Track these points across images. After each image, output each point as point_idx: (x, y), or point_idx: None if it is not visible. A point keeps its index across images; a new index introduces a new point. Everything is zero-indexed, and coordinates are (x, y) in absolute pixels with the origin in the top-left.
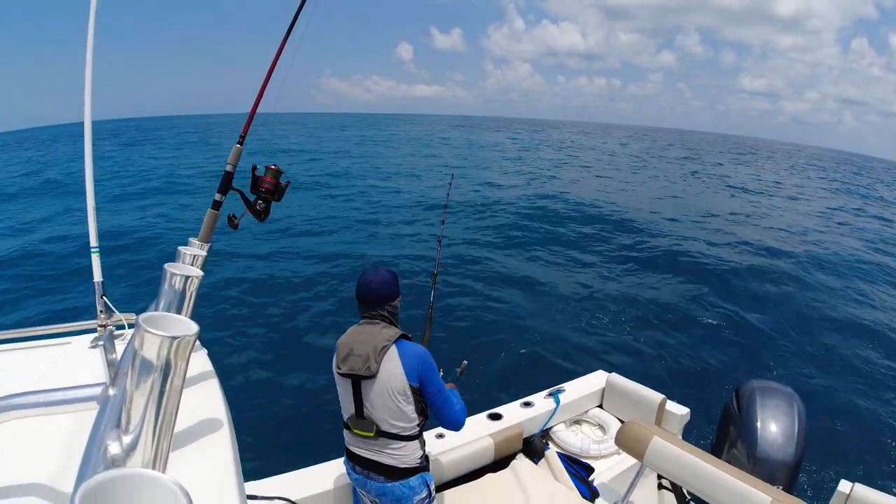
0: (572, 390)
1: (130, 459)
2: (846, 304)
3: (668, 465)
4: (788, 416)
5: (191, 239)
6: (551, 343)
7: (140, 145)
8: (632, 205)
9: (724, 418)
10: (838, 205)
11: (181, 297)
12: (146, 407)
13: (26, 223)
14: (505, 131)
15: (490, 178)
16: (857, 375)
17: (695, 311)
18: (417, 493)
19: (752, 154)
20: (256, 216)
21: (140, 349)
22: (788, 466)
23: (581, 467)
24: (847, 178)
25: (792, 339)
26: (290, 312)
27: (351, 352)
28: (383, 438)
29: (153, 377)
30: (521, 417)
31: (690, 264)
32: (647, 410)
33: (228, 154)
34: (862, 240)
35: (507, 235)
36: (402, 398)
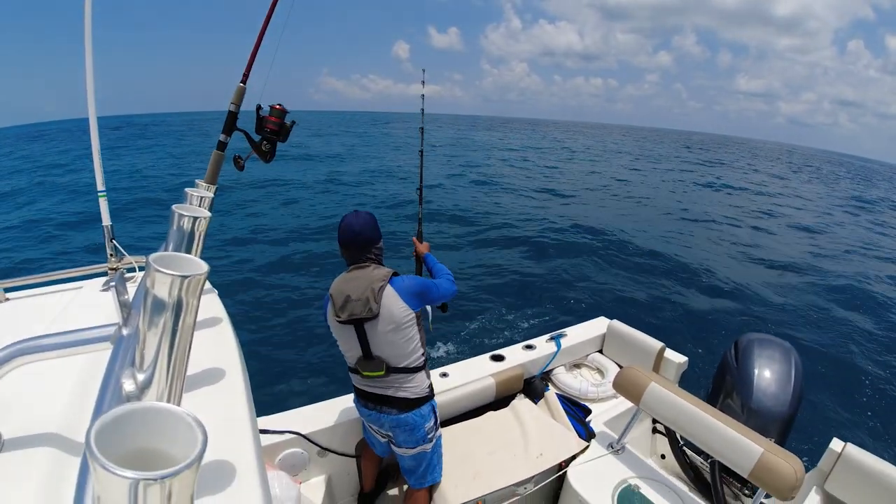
0: (574, 335)
1: (145, 396)
2: (852, 273)
3: (663, 410)
4: (785, 369)
5: (197, 181)
6: (559, 290)
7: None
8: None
9: (721, 368)
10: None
11: (190, 238)
12: (159, 344)
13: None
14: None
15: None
16: (858, 338)
17: (702, 269)
18: (427, 421)
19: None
20: (262, 157)
21: (151, 288)
22: (782, 419)
23: (579, 408)
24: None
25: (795, 301)
26: (294, 255)
27: (348, 298)
28: (393, 374)
29: (165, 315)
30: (522, 359)
31: (701, 226)
32: (645, 357)
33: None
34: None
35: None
36: (409, 329)
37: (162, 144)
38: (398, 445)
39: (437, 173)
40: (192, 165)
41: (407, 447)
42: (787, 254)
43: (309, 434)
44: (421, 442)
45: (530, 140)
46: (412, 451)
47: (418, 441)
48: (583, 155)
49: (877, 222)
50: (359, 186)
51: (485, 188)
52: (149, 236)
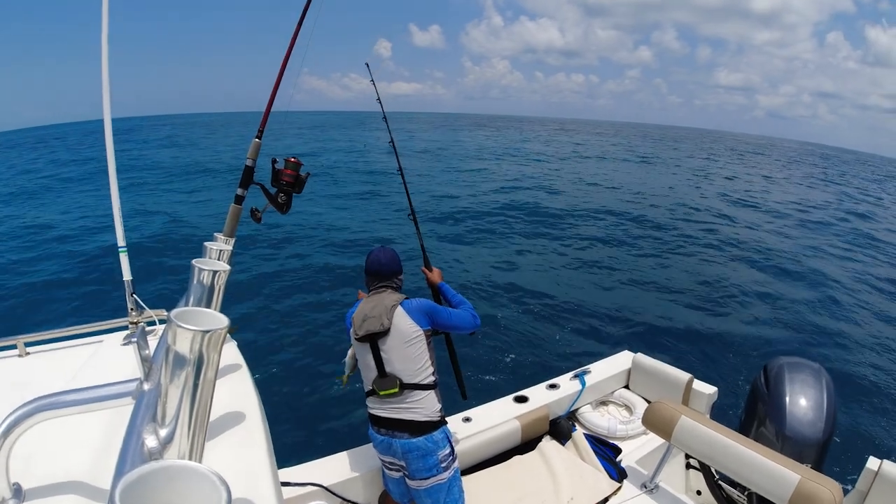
0: (598, 371)
1: (168, 452)
2: (873, 287)
3: (695, 444)
4: (817, 391)
5: (216, 234)
6: (577, 325)
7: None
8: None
9: (752, 396)
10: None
11: (210, 292)
12: (181, 400)
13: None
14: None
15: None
16: (886, 353)
17: (722, 292)
18: (441, 448)
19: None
20: (279, 209)
21: (173, 344)
22: (818, 444)
23: (608, 448)
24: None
25: (820, 318)
26: (313, 304)
27: (365, 316)
28: (406, 391)
29: (187, 370)
30: (547, 399)
31: (715, 247)
32: (673, 390)
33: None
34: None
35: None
36: (418, 345)
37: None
38: (412, 477)
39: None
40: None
41: (420, 478)
42: (802, 264)
43: (331, 486)
44: (434, 471)
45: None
46: (427, 484)
47: (431, 469)
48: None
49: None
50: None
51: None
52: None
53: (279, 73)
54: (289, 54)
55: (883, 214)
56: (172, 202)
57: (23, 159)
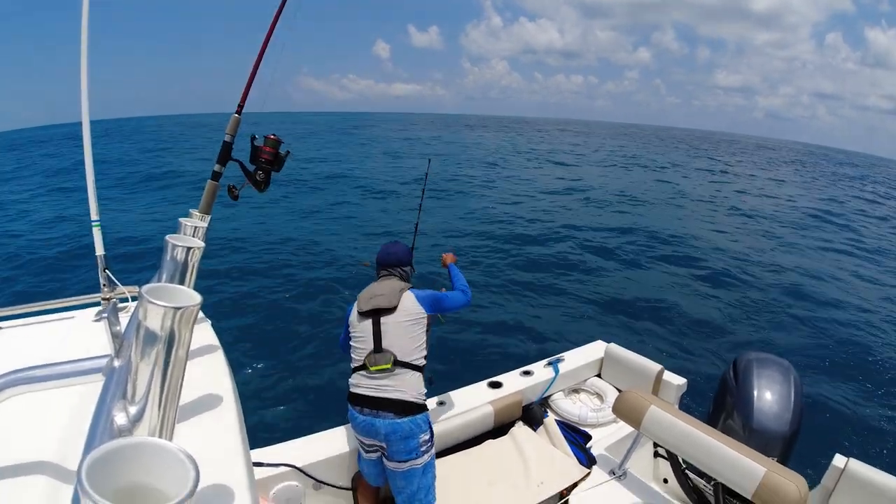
0: (571, 360)
1: (137, 429)
2: (848, 285)
3: (664, 433)
4: (784, 387)
5: (191, 210)
6: (552, 313)
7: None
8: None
9: (721, 389)
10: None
11: (183, 269)
12: (151, 377)
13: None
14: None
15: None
16: (856, 352)
17: (695, 288)
18: (423, 431)
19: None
20: (256, 187)
21: (144, 320)
22: (783, 438)
23: (579, 435)
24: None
25: (791, 316)
26: (291, 286)
27: (374, 294)
28: (399, 368)
29: (158, 347)
30: (520, 385)
31: (694, 242)
32: (644, 380)
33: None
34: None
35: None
36: (419, 327)
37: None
38: (390, 458)
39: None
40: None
41: (398, 459)
42: (783, 262)
43: (303, 467)
44: (414, 454)
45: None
46: (404, 466)
47: (410, 452)
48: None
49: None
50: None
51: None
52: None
53: (263, 45)
54: (274, 25)
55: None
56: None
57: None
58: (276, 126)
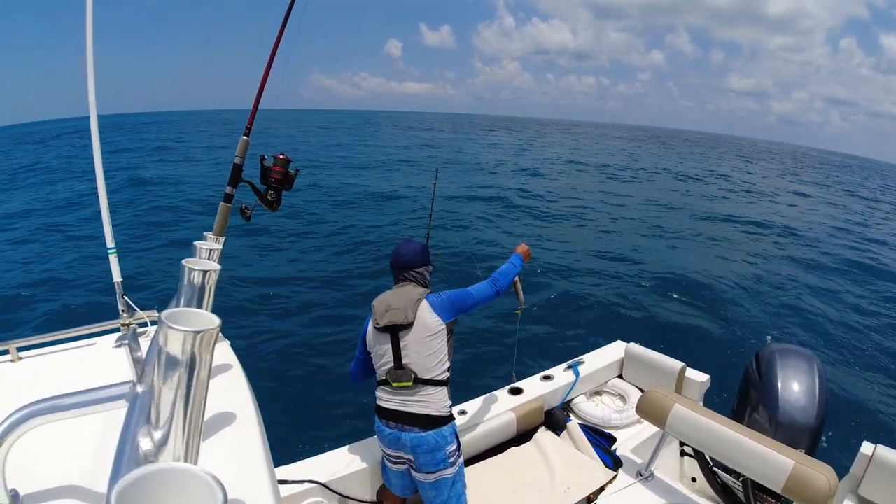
0: (591, 362)
1: (162, 454)
2: (866, 274)
3: (689, 431)
4: (809, 377)
5: (205, 233)
6: (570, 316)
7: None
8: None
9: (745, 383)
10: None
11: (201, 292)
12: (174, 401)
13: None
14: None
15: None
16: (879, 339)
17: (714, 281)
18: (449, 443)
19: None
20: (268, 206)
21: (164, 345)
22: (810, 429)
23: (603, 437)
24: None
25: (812, 305)
26: (309, 300)
27: (389, 307)
28: (420, 385)
29: (179, 372)
30: (541, 391)
31: (707, 237)
32: (667, 379)
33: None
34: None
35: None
36: (438, 340)
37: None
38: (418, 470)
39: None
40: None
41: (427, 471)
42: (797, 255)
43: (328, 482)
44: (442, 465)
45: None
46: (433, 477)
47: (439, 464)
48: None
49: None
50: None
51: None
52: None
53: (265, 71)
54: (275, 51)
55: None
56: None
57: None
58: (289, 124)
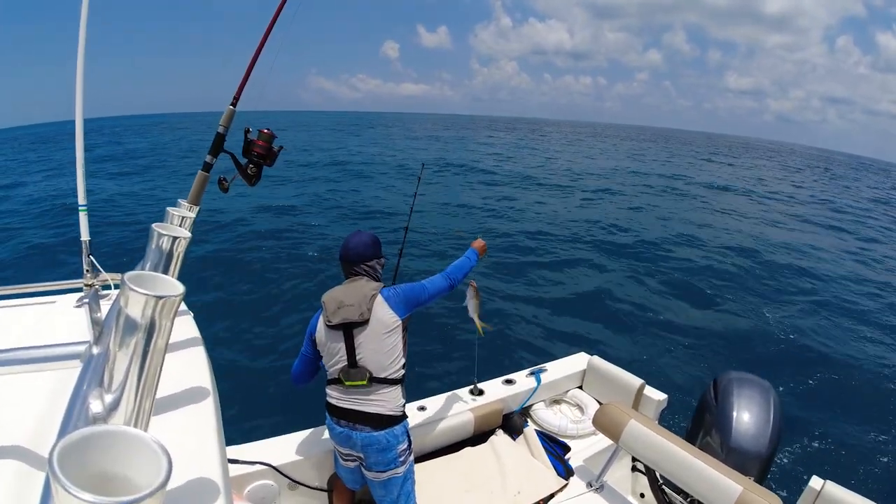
0: (554, 370)
1: (112, 418)
2: (836, 304)
3: (642, 448)
4: (764, 408)
5: (179, 200)
6: (538, 323)
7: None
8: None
9: (701, 407)
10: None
11: (168, 258)
12: (129, 366)
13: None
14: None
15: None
16: (838, 374)
17: (682, 304)
18: (400, 442)
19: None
20: (247, 180)
21: (125, 307)
22: (761, 458)
23: (558, 446)
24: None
25: (775, 337)
26: (272, 281)
27: (342, 303)
28: (375, 384)
29: (137, 336)
30: (502, 394)
31: (681, 258)
32: (625, 394)
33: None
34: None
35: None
36: (394, 336)
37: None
38: (368, 468)
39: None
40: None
41: (378, 470)
42: (769, 280)
43: (279, 466)
44: (392, 464)
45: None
46: (384, 476)
47: (389, 463)
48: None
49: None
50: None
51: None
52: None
53: (262, 38)
54: (273, 22)
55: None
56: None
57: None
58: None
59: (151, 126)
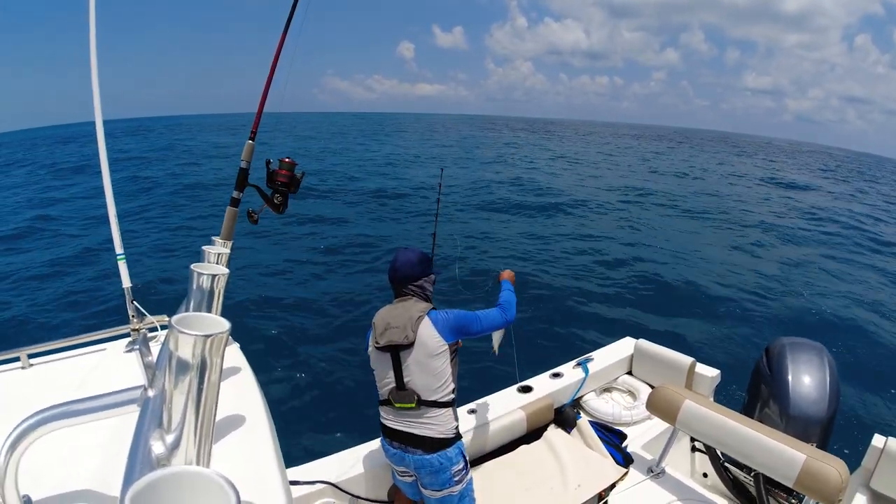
0: (600, 358)
1: (175, 458)
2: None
3: (700, 427)
4: (819, 371)
5: (213, 238)
6: (579, 312)
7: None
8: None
9: (755, 377)
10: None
11: (210, 296)
12: (186, 405)
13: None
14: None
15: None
16: (890, 332)
17: (725, 275)
18: (455, 464)
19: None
20: (274, 209)
21: (175, 350)
22: (821, 422)
23: (613, 434)
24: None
25: (819, 300)
26: (319, 299)
27: (388, 325)
28: (424, 407)
29: (190, 375)
30: (550, 388)
31: (718, 233)
32: (676, 374)
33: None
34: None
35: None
36: (440, 361)
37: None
38: (424, 487)
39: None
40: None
41: (433, 489)
42: (805, 252)
43: (340, 483)
44: (447, 484)
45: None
46: (439, 494)
47: (444, 483)
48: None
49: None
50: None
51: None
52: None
53: (269, 75)
54: (278, 54)
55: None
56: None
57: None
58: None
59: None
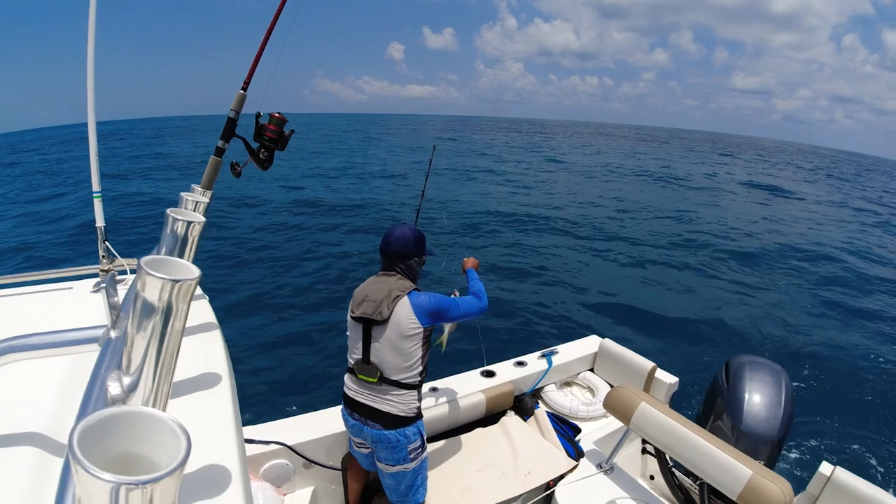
0: (565, 353)
1: (131, 399)
2: (849, 292)
3: (653, 430)
4: (775, 391)
5: (193, 185)
6: (550, 306)
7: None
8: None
9: (712, 390)
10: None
11: (183, 243)
12: (147, 348)
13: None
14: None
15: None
16: (857, 361)
17: (698, 288)
18: (412, 442)
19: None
20: (259, 165)
21: (142, 292)
22: (771, 442)
23: (569, 427)
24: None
25: (787, 322)
26: (297, 263)
27: (366, 297)
28: (385, 385)
29: (155, 319)
30: (513, 376)
31: (696, 242)
32: (637, 377)
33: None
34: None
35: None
36: (412, 343)
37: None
38: (379, 461)
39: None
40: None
41: (387, 464)
42: (775, 271)
43: (295, 445)
44: (402, 461)
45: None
46: (392, 469)
47: (399, 460)
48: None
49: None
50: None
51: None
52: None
53: (272, 23)
54: (278, 14)
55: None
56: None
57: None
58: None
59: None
